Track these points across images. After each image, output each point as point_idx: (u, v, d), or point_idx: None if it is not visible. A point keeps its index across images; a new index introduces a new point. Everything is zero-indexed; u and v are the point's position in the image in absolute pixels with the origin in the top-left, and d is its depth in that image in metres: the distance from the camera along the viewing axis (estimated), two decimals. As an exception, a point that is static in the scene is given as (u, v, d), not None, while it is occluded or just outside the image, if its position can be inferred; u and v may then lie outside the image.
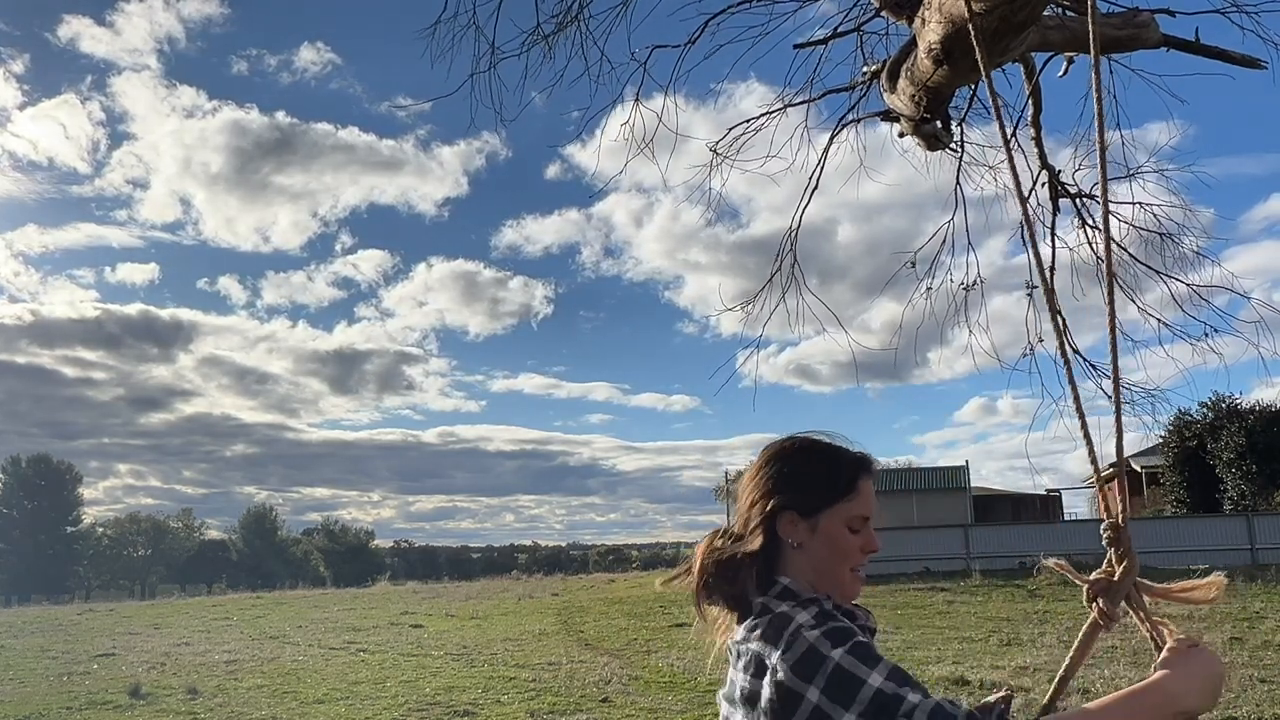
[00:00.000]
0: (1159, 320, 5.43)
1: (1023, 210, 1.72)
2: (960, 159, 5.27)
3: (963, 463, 33.90)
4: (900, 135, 4.32)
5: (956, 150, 5.07)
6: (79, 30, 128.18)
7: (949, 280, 5.60)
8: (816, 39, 4.93)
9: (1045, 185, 5.32)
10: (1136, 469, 34.59)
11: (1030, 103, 4.78)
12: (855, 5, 4.71)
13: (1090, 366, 5.23)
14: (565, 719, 8.97)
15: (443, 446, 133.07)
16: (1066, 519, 31.85)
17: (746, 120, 5.20)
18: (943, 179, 5.55)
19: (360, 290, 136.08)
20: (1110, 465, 1.58)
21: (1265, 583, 17.61)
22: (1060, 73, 4.59)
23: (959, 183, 5.40)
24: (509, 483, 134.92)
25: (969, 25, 2.74)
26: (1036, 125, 4.94)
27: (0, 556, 69.12)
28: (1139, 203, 5.39)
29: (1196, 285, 5.33)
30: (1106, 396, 5.61)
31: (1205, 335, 5.30)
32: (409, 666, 12.45)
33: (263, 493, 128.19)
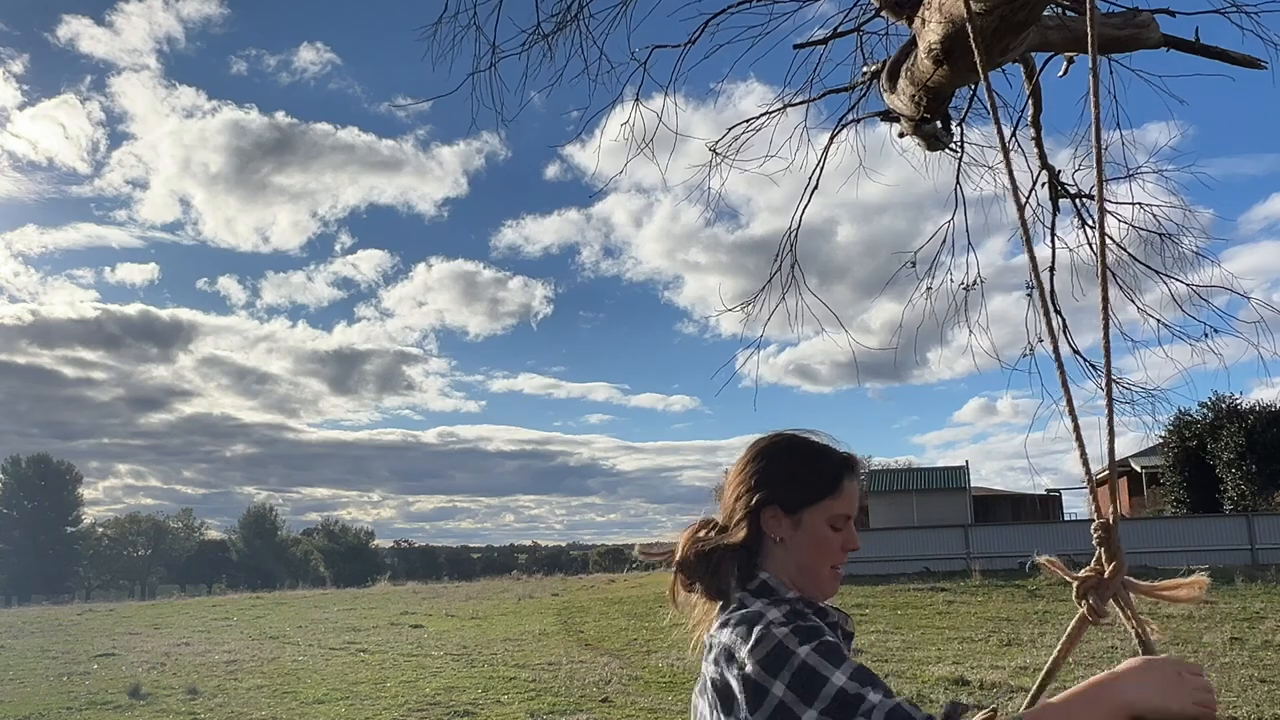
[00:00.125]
0: (1159, 320, 5.43)
1: (1020, 217, 1.72)
2: (960, 159, 5.27)
3: (963, 463, 33.95)
4: (900, 135, 4.32)
5: (956, 150, 5.07)
6: (78, 30, 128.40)
7: (949, 280, 5.61)
8: (816, 39, 4.93)
9: (1045, 185, 5.32)
10: (1136, 469, 34.60)
11: (1030, 103, 4.78)
12: (855, 5, 4.72)
13: (1090, 366, 5.24)
14: (565, 719, 8.97)
15: (443, 446, 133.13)
16: (1066, 519, 31.84)
17: (746, 120, 5.21)
18: (942, 179, 5.55)
19: (360, 290, 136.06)
20: (1102, 471, 1.59)
21: (1265, 583, 17.61)
22: (1060, 73, 4.58)
23: (959, 183, 5.40)
24: (509, 483, 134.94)
25: (968, 26, 2.74)
26: (1036, 125, 4.94)
27: (0, 556, 69.14)
28: (1139, 203, 5.39)
29: (1196, 285, 5.33)
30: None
31: (1205, 335, 5.31)
32: (409, 666, 12.45)
33: (263, 493, 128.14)
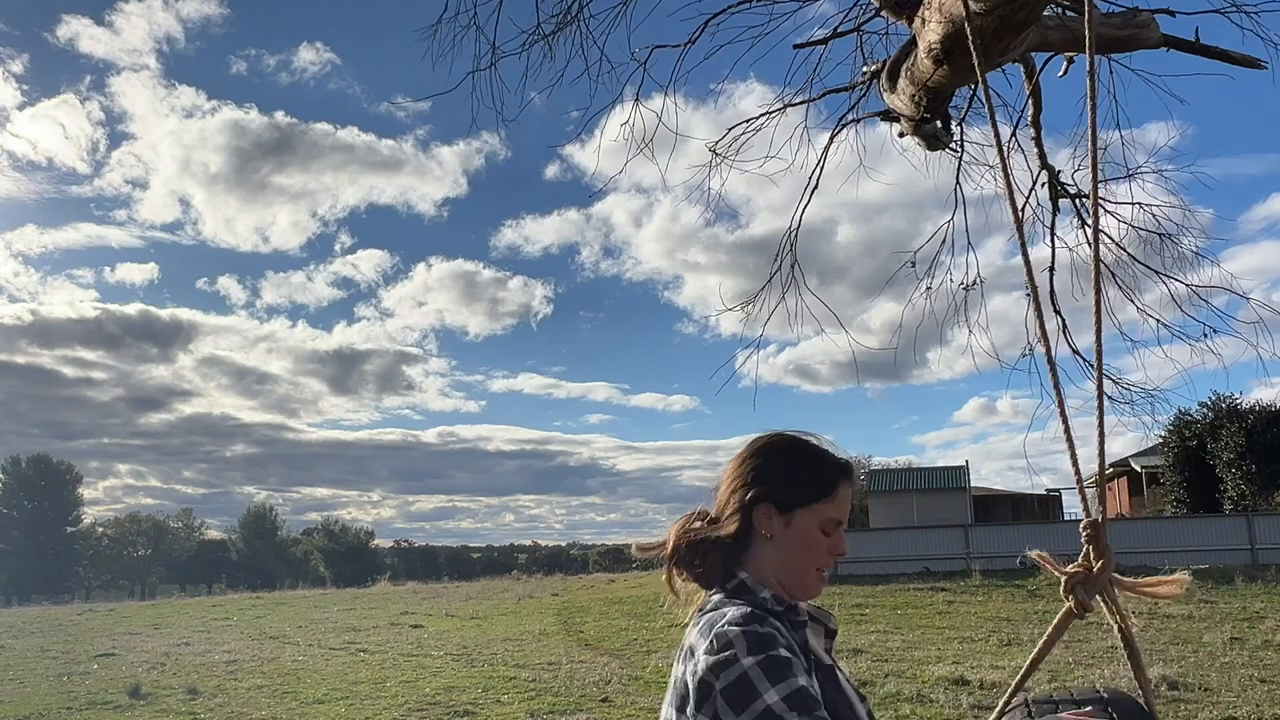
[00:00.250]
0: (1158, 320, 5.44)
1: (1017, 226, 1.72)
2: (960, 159, 5.28)
3: (963, 463, 33.95)
4: (900, 135, 4.32)
5: (956, 150, 5.08)
6: (78, 30, 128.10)
7: (949, 280, 5.61)
8: (816, 39, 4.93)
9: (1045, 185, 5.33)
10: (1136, 469, 34.59)
11: (1030, 103, 4.79)
12: (855, 5, 4.72)
13: (1089, 366, 5.23)
14: (565, 719, 8.98)
15: (442, 446, 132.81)
16: (1066, 519, 31.84)
17: (746, 120, 5.21)
18: (942, 179, 5.56)
19: (360, 290, 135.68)
20: (1093, 475, 1.61)
21: (1265, 583, 17.62)
22: (1060, 73, 4.59)
23: (959, 183, 5.40)
24: (509, 483, 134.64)
25: (967, 26, 2.74)
26: (1036, 125, 4.94)
27: (0, 556, 69.14)
28: (1138, 203, 5.40)
29: (1196, 285, 5.34)
30: (1108, 397, 5.63)
31: (1204, 335, 5.32)
32: (409, 666, 12.45)
33: (263, 493, 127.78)
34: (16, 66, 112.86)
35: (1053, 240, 5.41)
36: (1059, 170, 5.33)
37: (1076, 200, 5.29)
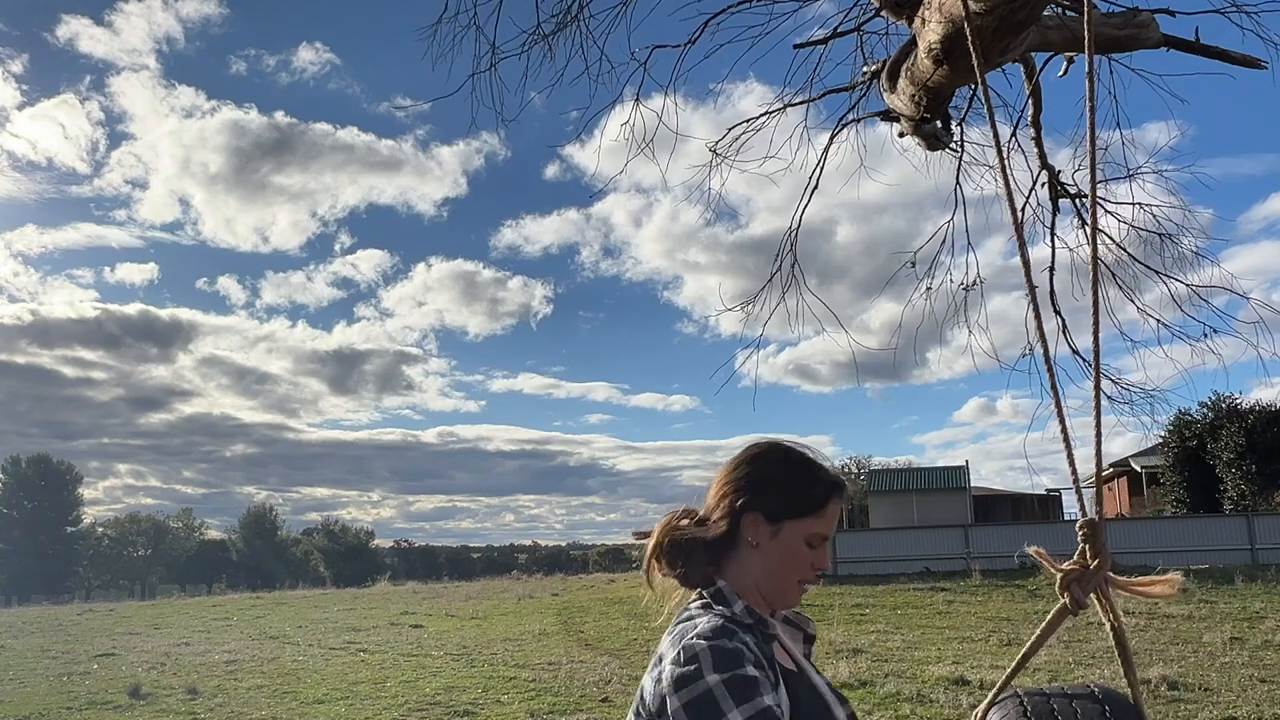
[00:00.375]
0: (1158, 320, 5.44)
1: (1017, 232, 1.72)
2: (960, 159, 5.28)
3: (963, 463, 33.96)
4: (900, 135, 4.32)
5: (956, 150, 5.08)
6: (77, 30, 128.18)
7: (949, 280, 5.62)
8: (816, 39, 4.94)
9: (1045, 185, 5.33)
10: (1136, 469, 34.58)
11: (1030, 103, 4.79)
12: (855, 5, 4.72)
13: (1089, 366, 5.23)
14: (565, 719, 8.98)
15: (442, 446, 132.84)
16: (1066, 519, 31.84)
17: (746, 120, 5.21)
18: (943, 179, 5.56)
19: (359, 290, 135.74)
20: (1094, 476, 1.62)
21: (1265, 583, 17.61)
22: (1060, 73, 4.59)
23: (959, 183, 5.41)
24: (509, 483, 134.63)
25: (966, 27, 2.74)
26: (1036, 125, 4.94)
27: (0, 556, 69.14)
28: (1138, 203, 5.40)
29: (1196, 285, 5.34)
30: (1107, 397, 5.63)
31: (1205, 335, 5.32)
32: (409, 666, 12.45)
33: (263, 493, 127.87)
34: (16, 66, 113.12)
35: (1053, 240, 5.42)
36: (1059, 170, 5.34)
37: (1077, 200, 5.29)
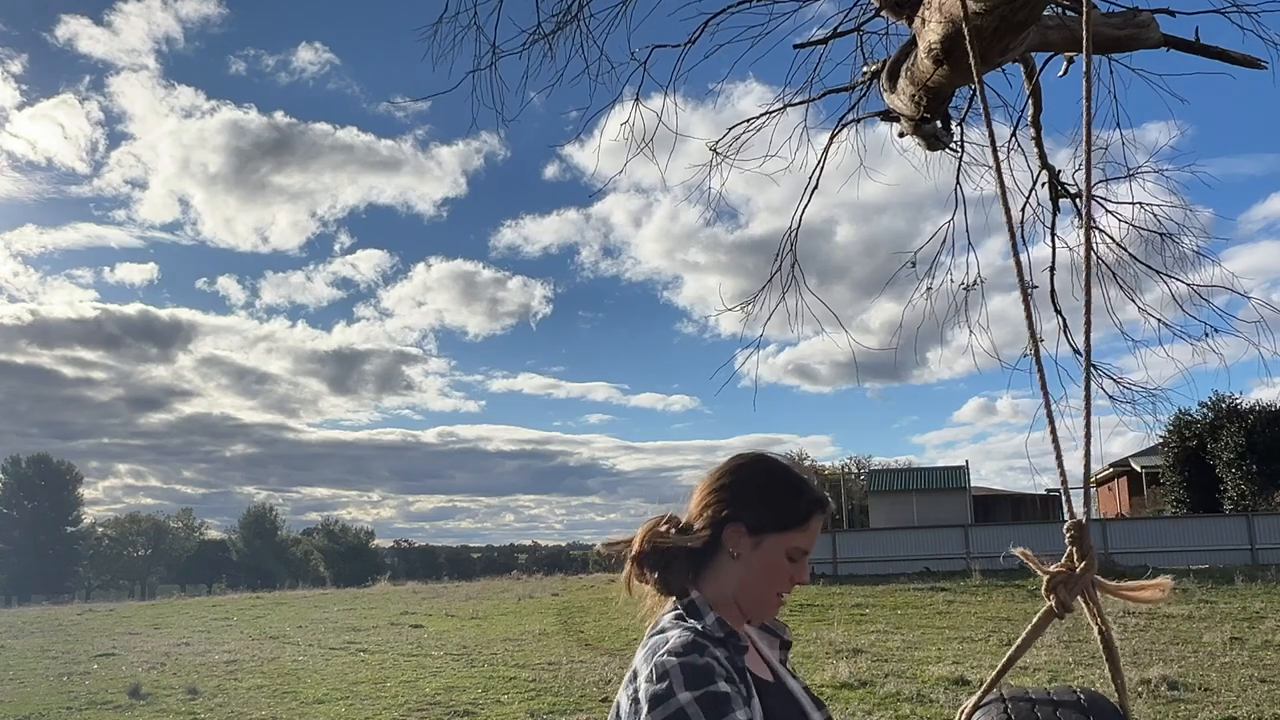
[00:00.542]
0: (1159, 320, 5.44)
1: (1009, 226, 1.72)
2: (960, 159, 5.28)
3: (963, 463, 33.96)
4: (900, 135, 4.32)
5: (956, 150, 5.08)
6: (77, 30, 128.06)
7: (949, 280, 5.62)
8: (816, 39, 4.94)
9: (1045, 185, 5.33)
10: (1136, 469, 34.58)
11: (1030, 103, 4.79)
12: (855, 5, 4.72)
13: (1090, 366, 5.23)
14: (565, 719, 8.98)
15: (442, 446, 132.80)
16: (1066, 519, 31.85)
17: (746, 120, 5.21)
18: (943, 179, 5.56)
19: (359, 290, 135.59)
20: (1079, 485, 1.63)
21: (1265, 583, 17.61)
22: (1060, 73, 4.59)
23: (959, 183, 5.41)
24: (509, 483, 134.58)
25: (964, 27, 2.74)
26: (1036, 125, 4.94)
27: (0, 556, 69.14)
28: (1139, 203, 5.40)
29: (1196, 285, 5.34)
30: (1109, 396, 5.63)
31: (1205, 335, 5.32)
32: (409, 666, 12.45)
33: (263, 493, 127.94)
34: (16, 66, 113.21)
35: (1053, 240, 5.42)
36: (1059, 170, 5.34)
37: (1077, 200, 5.29)
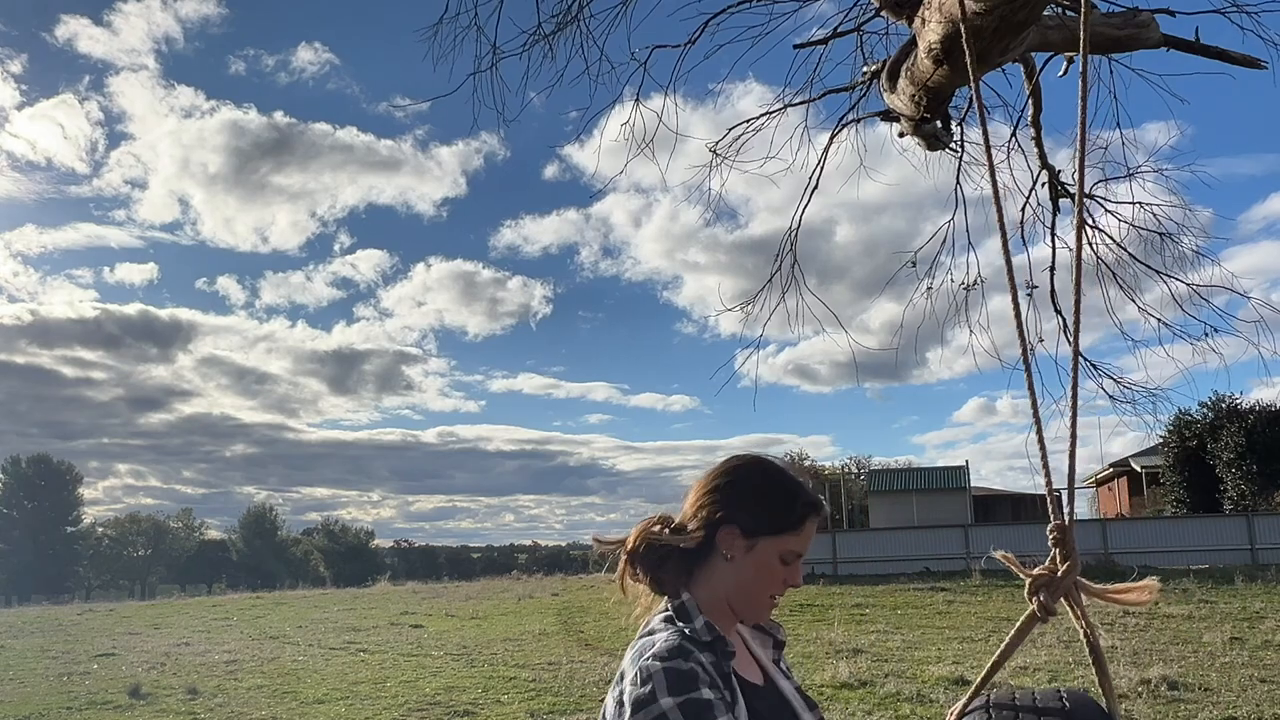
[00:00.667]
0: (1159, 320, 5.44)
1: (1000, 226, 1.73)
2: (960, 159, 5.28)
3: (963, 463, 33.94)
4: (900, 135, 4.32)
5: (956, 150, 5.07)
6: (76, 30, 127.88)
7: (949, 280, 5.61)
8: (816, 39, 4.94)
9: (1045, 185, 5.33)
10: (1136, 469, 34.58)
11: (1030, 103, 4.79)
12: (855, 5, 4.72)
13: (1091, 366, 5.24)
14: (565, 719, 8.98)
15: (442, 446, 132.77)
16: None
17: (746, 120, 5.21)
18: (943, 179, 5.56)
19: (359, 290, 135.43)
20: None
21: (1265, 583, 17.61)
22: (1060, 73, 4.58)
23: (959, 183, 5.40)
24: (509, 483, 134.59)
25: (961, 27, 2.74)
26: (1036, 125, 4.94)
27: (0, 556, 69.15)
28: (1138, 202, 5.39)
29: (1196, 285, 5.34)
30: (1109, 396, 5.63)
31: (1205, 335, 5.32)
32: (409, 666, 12.45)
33: (262, 493, 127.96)
34: (15, 66, 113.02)
35: (1053, 240, 5.41)
36: (1059, 170, 5.33)
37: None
